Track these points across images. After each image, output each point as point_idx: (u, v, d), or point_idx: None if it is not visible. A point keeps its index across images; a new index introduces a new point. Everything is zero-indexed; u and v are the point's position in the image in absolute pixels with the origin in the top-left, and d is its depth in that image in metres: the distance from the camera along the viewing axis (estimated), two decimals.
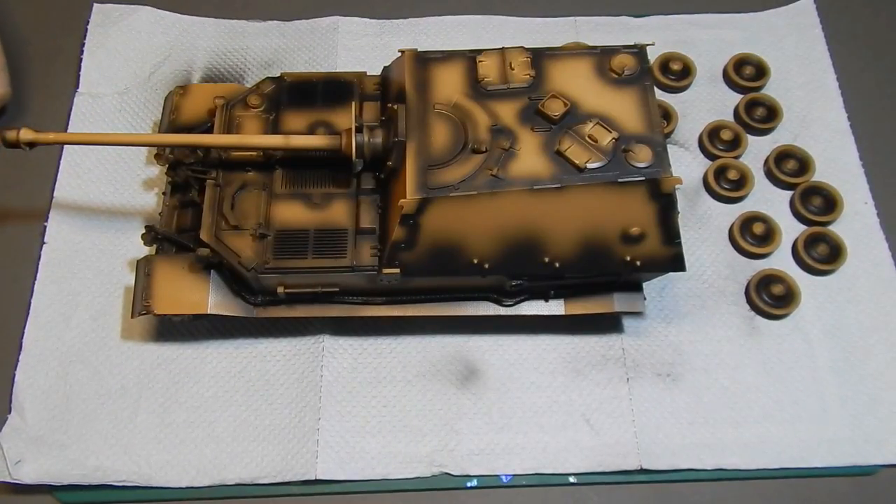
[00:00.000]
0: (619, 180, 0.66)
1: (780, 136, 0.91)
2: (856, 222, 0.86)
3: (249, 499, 0.74)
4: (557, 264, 0.70)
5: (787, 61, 0.95)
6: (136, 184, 0.87)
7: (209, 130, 0.78)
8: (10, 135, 0.69)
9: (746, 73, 0.94)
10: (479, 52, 0.73)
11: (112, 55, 0.93)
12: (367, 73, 0.80)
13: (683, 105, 0.93)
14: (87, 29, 0.95)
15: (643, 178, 0.66)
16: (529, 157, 0.67)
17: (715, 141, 0.90)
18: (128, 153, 0.88)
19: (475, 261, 0.69)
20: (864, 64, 0.97)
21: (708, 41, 0.96)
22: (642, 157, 0.66)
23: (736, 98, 0.93)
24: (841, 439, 0.76)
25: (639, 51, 0.72)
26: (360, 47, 0.95)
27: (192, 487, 0.73)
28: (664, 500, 0.75)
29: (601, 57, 0.72)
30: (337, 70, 0.93)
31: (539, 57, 0.72)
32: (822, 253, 0.84)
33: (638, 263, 0.70)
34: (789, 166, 0.88)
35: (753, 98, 0.92)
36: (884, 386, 0.78)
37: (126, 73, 0.93)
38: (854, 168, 0.89)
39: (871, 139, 0.91)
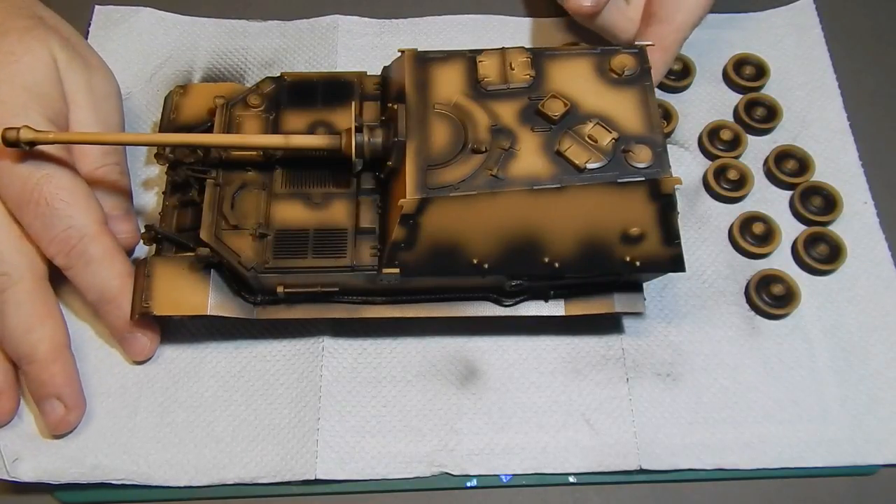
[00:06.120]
0: (619, 180, 0.66)
1: (780, 136, 0.91)
2: (855, 222, 0.86)
3: (249, 498, 0.74)
4: (557, 264, 0.70)
5: (787, 61, 0.95)
6: (136, 184, 0.86)
7: (209, 130, 0.79)
8: (10, 134, 0.69)
9: (746, 73, 0.94)
10: (479, 52, 0.73)
11: (113, 57, 0.93)
12: (367, 73, 0.80)
13: (683, 105, 0.93)
14: (88, 31, 0.95)
15: (643, 179, 0.66)
16: (529, 157, 0.67)
17: (715, 141, 0.90)
18: (128, 153, 0.88)
19: (475, 261, 0.69)
20: (864, 64, 0.97)
21: (708, 41, 0.96)
22: (642, 157, 0.66)
23: (736, 98, 0.93)
24: (841, 439, 0.75)
25: (639, 51, 0.72)
26: (360, 47, 0.95)
27: (191, 487, 0.73)
28: (664, 500, 0.75)
29: (601, 57, 0.72)
30: (337, 70, 0.93)
31: (539, 57, 0.72)
32: (822, 253, 0.84)
33: (638, 264, 0.70)
34: (789, 166, 0.88)
35: (753, 98, 0.92)
36: (884, 386, 0.78)
37: (127, 74, 0.93)
38: (854, 168, 0.89)
39: (870, 139, 0.91)
